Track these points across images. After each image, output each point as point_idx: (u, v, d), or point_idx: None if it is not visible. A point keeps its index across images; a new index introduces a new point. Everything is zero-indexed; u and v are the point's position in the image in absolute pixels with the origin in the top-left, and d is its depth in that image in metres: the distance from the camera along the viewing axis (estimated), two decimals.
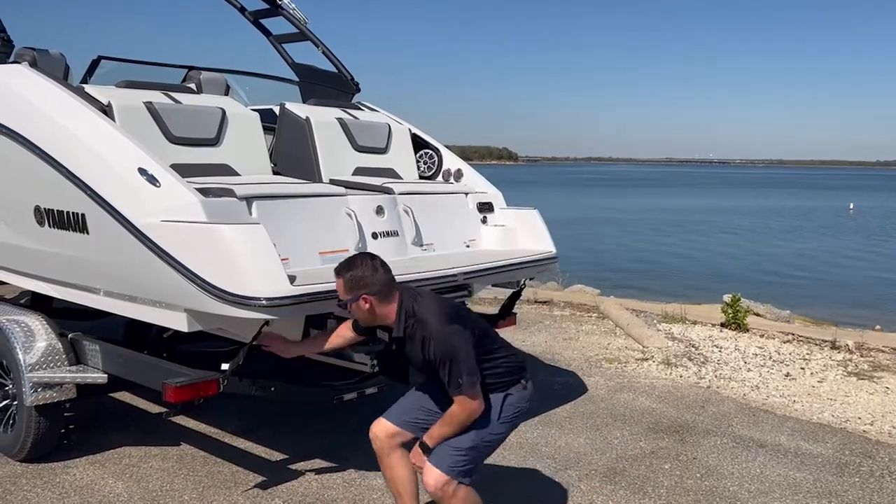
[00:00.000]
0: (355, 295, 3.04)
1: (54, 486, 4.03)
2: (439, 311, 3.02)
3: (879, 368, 6.71)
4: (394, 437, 3.24)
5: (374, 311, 3.07)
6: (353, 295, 3.04)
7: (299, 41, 6.33)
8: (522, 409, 3.18)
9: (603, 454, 4.62)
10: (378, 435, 3.25)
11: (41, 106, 4.09)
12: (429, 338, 2.95)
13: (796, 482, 4.28)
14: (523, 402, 3.18)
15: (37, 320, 4.34)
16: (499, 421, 3.09)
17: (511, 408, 3.12)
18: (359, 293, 3.03)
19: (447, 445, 3.00)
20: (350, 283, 3.05)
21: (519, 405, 3.16)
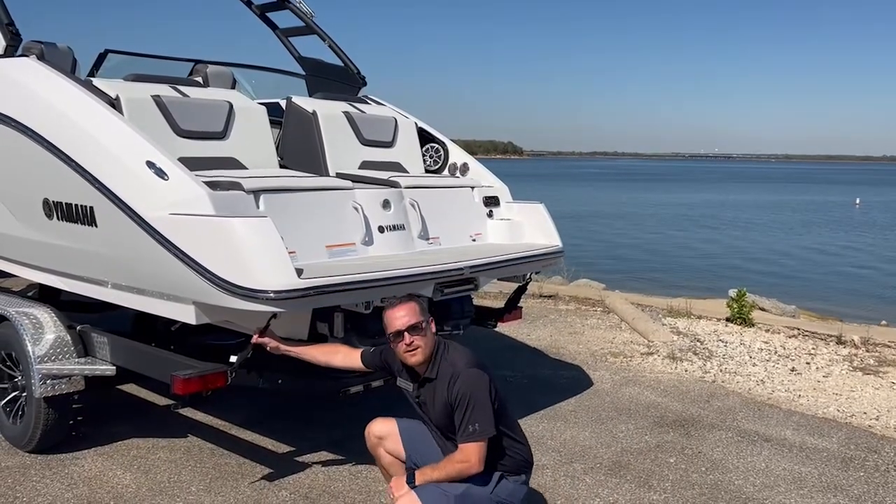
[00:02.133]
0: (427, 317, 3.08)
1: (63, 476, 4.06)
2: (472, 358, 3.08)
3: (885, 363, 6.71)
4: (383, 439, 3.33)
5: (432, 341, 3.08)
6: (426, 317, 3.07)
7: (306, 35, 6.33)
8: (516, 500, 3.11)
9: (608, 448, 4.63)
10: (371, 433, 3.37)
11: (49, 99, 4.11)
12: (457, 375, 2.97)
13: (801, 476, 4.29)
14: (518, 494, 3.12)
15: (45, 312, 4.37)
16: (491, 495, 3.02)
17: (506, 492, 3.06)
18: (429, 317, 3.08)
19: (438, 487, 2.93)
20: (423, 306, 3.10)
21: (514, 495, 3.09)
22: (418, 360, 3.07)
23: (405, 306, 3.08)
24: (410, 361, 3.08)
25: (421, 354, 3.06)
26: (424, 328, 3.06)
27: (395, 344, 3.08)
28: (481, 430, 2.91)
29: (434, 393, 3.07)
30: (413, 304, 3.09)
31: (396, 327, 3.06)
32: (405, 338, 3.03)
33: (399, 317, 3.06)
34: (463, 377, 2.97)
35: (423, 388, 3.14)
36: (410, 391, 3.22)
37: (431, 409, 3.11)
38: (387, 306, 3.15)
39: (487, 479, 3.03)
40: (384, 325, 3.13)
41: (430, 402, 3.11)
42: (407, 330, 3.03)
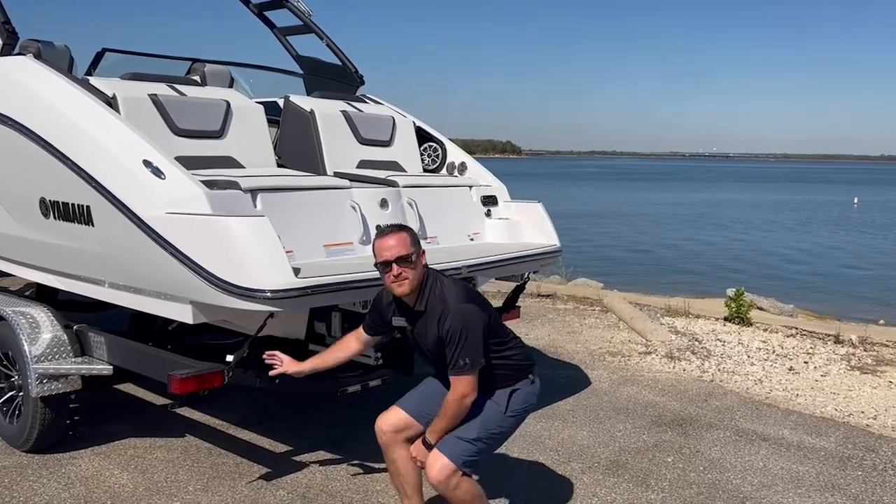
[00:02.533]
0: (418, 249, 3.03)
1: (60, 476, 4.05)
2: (461, 291, 3.04)
3: (883, 363, 6.71)
4: (400, 432, 3.22)
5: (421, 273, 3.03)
6: (417, 249, 3.02)
7: (304, 33, 6.32)
8: (530, 403, 3.19)
9: (606, 447, 4.63)
10: (383, 429, 3.25)
11: (46, 98, 4.10)
12: (447, 312, 2.94)
13: (799, 476, 4.29)
14: (531, 397, 3.19)
15: (42, 312, 4.36)
16: (506, 414, 3.09)
17: (518, 402, 3.12)
18: (420, 249, 3.05)
19: (453, 435, 2.99)
20: (415, 238, 3.05)
21: (527, 400, 3.16)
22: (404, 291, 3.00)
23: (396, 236, 2.99)
24: (396, 292, 3.02)
25: (408, 286, 2.99)
26: (414, 260, 2.99)
27: (384, 274, 3.01)
28: (471, 363, 2.90)
29: (426, 326, 3.03)
30: (404, 235, 3.01)
31: (385, 257, 2.98)
32: (393, 269, 2.96)
33: (389, 246, 2.98)
34: (453, 313, 2.93)
35: (414, 323, 3.09)
36: (405, 326, 3.14)
37: (425, 342, 3.08)
38: (377, 234, 3.07)
39: (499, 402, 3.07)
40: (374, 254, 3.06)
41: (421, 335, 3.09)
42: (395, 261, 2.95)
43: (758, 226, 30.13)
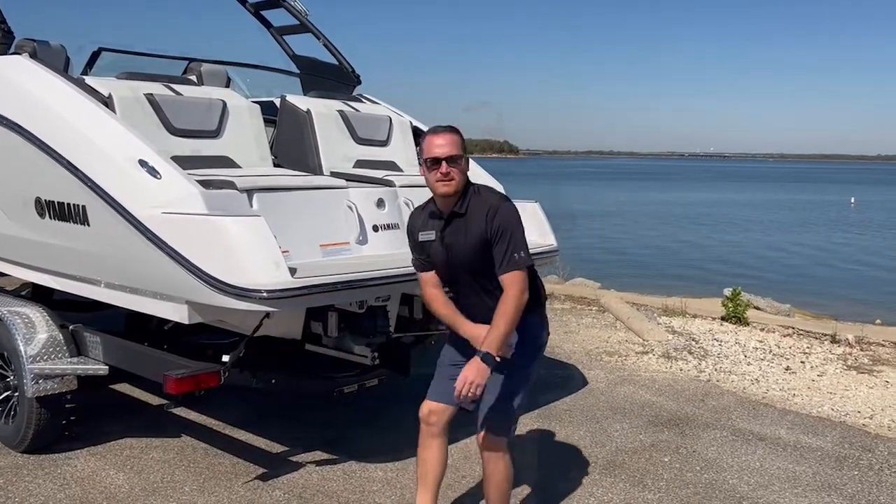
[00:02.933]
0: (466, 155, 3.02)
1: (55, 477, 4.04)
2: (501, 194, 3.10)
3: (879, 362, 6.72)
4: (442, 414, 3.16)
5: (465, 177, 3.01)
6: (465, 154, 3.02)
7: (300, 33, 6.32)
8: (544, 340, 3.21)
9: (603, 447, 4.63)
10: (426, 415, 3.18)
11: (42, 97, 4.09)
12: (495, 208, 2.94)
13: (796, 475, 4.29)
14: (544, 333, 3.20)
15: (38, 312, 4.35)
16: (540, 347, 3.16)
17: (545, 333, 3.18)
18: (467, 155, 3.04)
19: (499, 404, 3.01)
20: (462, 141, 3.02)
21: (541, 336, 3.18)
22: (449, 191, 2.97)
23: (447, 136, 2.97)
24: (441, 191, 2.98)
25: (453, 187, 2.96)
26: (462, 163, 2.98)
27: (430, 171, 2.97)
28: (526, 256, 2.93)
29: (465, 229, 2.98)
30: (455, 137, 2.99)
31: (435, 154, 2.95)
32: (442, 166, 2.93)
33: (440, 144, 2.95)
34: (502, 210, 2.95)
35: (449, 227, 3.03)
36: (433, 239, 3.07)
37: (459, 247, 3.00)
38: (428, 132, 3.04)
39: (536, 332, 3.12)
40: (422, 150, 3.04)
41: (457, 241, 3.00)
42: (446, 159, 2.93)
43: (755, 226, 30.18)
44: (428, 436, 3.20)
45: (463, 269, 3.03)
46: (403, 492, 3.93)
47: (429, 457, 3.22)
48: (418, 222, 3.17)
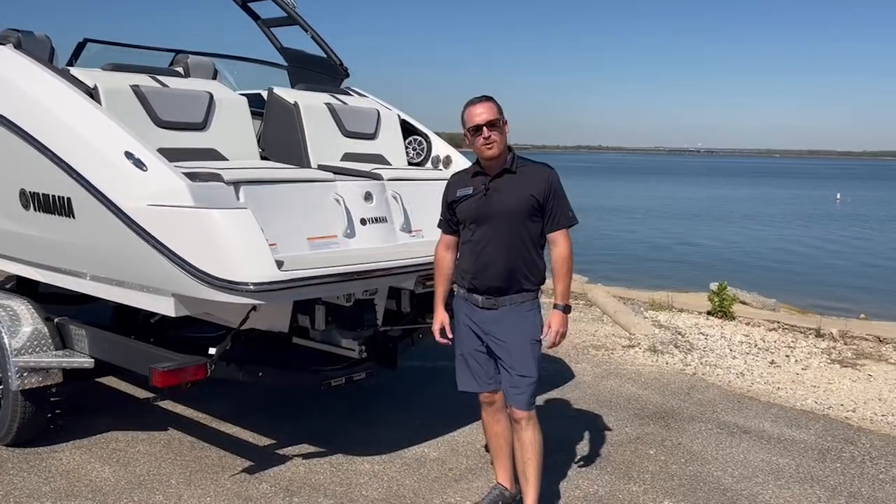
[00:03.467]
0: (503, 117, 3.29)
1: (40, 470, 4.02)
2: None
3: (862, 356, 6.79)
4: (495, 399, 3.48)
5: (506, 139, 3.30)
6: (503, 117, 3.29)
7: (288, 25, 6.28)
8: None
9: (589, 440, 4.66)
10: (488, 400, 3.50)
11: (26, 88, 4.05)
12: (551, 173, 3.33)
13: (779, 467, 4.34)
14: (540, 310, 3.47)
15: (22, 305, 4.32)
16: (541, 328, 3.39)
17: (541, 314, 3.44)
18: (505, 118, 3.31)
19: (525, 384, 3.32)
20: (498, 107, 3.29)
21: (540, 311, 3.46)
22: (493, 153, 3.26)
23: (484, 104, 3.26)
24: (487, 154, 3.27)
25: (496, 148, 3.26)
26: (501, 126, 3.27)
27: (474, 138, 3.26)
28: (573, 215, 3.34)
29: (517, 183, 3.28)
30: (491, 104, 3.28)
31: (476, 122, 3.24)
32: (483, 132, 3.22)
33: (478, 113, 3.25)
34: (556, 176, 3.35)
35: (498, 179, 3.30)
36: (469, 194, 3.34)
37: (507, 197, 3.26)
38: (467, 104, 3.32)
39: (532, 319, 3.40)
40: (463, 122, 3.32)
41: (504, 190, 3.28)
42: (486, 125, 3.22)
43: (742, 221, 30.34)
44: (492, 412, 3.52)
45: (500, 219, 3.27)
46: (391, 484, 3.94)
47: (500, 430, 3.54)
48: (457, 181, 3.46)
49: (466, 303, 3.41)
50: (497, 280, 3.29)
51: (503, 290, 3.31)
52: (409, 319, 4.68)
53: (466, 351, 3.46)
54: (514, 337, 3.33)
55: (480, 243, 3.30)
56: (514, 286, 3.31)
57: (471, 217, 3.33)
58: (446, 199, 3.47)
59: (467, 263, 3.37)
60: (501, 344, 3.35)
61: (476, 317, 3.38)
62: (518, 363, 3.32)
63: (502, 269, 3.28)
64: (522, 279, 3.33)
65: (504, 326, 3.33)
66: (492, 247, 3.27)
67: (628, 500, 3.88)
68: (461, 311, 3.45)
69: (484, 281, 3.31)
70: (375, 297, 4.30)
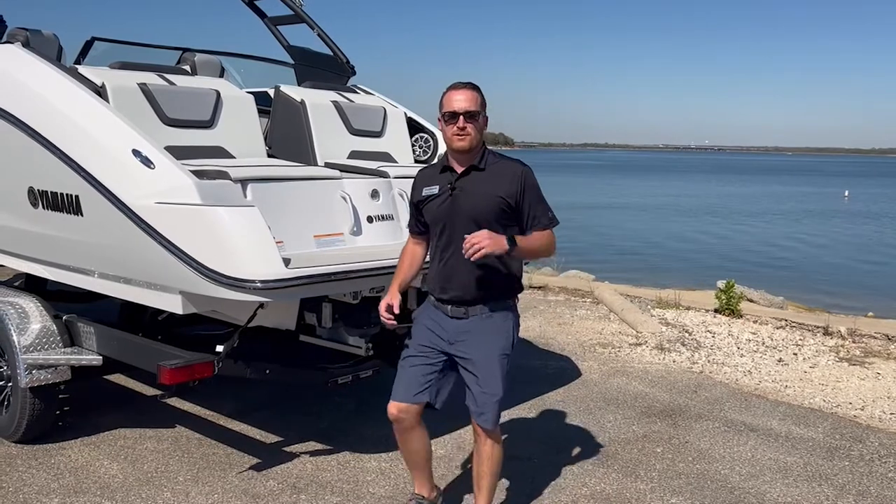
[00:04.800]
0: (484, 112, 3.06)
1: (49, 466, 4.04)
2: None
3: (871, 354, 6.76)
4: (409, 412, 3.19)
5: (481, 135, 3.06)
6: (483, 111, 3.05)
7: (294, 23, 6.29)
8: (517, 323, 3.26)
9: (596, 438, 4.65)
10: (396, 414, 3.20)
11: (34, 87, 4.07)
12: (525, 171, 3.06)
13: (787, 466, 4.32)
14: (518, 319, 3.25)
15: (31, 302, 4.34)
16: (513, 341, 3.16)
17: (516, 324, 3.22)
18: (485, 114, 3.07)
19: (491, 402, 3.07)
20: (482, 99, 3.05)
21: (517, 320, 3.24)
22: (464, 146, 3.01)
23: (466, 92, 3.01)
24: (457, 145, 3.02)
25: (468, 142, 3.01)
26: (479, 120, 3.03)
27: (448, 125, 3.01)
28: (554, 216, 3.07)
29: (486, 182, 3.03)
30: (475, 94, 3.02)
31: (453, 108, 2.99)
32: (459, 121, 2.98)
33: (458, 99, 3.00)
34: (531, 174, 3.07)
35: (465, 178, 3.06)
36: (436, 194, 3.09)
37: (474, 198, 3.02)
38: (449, 87, 3.07)
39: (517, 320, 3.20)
40: (441, 105, 3.06)
41: (471, 190, 3.03)
42: (464, 114, 2.98)
43: (749, 218, 30.25)
44: (402, 429, 3.24)
45: (467, 221, 3.00)
46: (397, 482, 3.95)
47: (419, 448, 3.31)
48: (423, 178, 3.21)
49: (437, 311, 3.19)
50: (465, 289, 3.06)
51: (473, 300, 3.08)
52: None
53: (411, 353, 3.20)
54: (482, 351, 3.08)
55: (448, 249, 3.07)
56: (484, 295, 3.08)
57: (436, 220, 3.09)
58: (413, 199, 3.23)
59: (436, 269, 3.14)
60: (468, 360, 3.10)
61: (445, 325, 3.14)
62: (484, 381, 3.07)
63: (470, 277, 3.04)
64: (494, 288, 3.09)
65: (473, 338, 3.09)
66: (459, 253, 2.95)
67: (635, 498, 3.88)
68: (427, 317, 3.22)
69: (452, 290, 3.09)
70: (382, 295, 4.30)
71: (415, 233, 3.29)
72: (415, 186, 3.23)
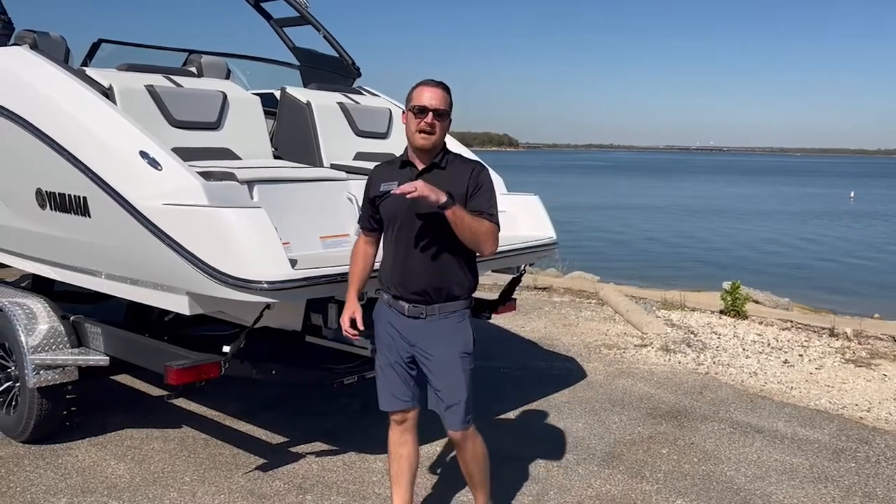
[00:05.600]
0: (450, 113, 3.04)
1: (56, 466, 4.06)
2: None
3: (877, 356, 6.74)
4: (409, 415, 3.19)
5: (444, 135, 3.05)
6: (450, 112, 3.04)
7: (300, 25, 6.31)
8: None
9: (601, 439, 4.65)
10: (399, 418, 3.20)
11: (42, 89, 4.09)
12: (479, 169, 3.04)
13: (793, 467, 4.32)
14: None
15: (39, 303, 4.36)
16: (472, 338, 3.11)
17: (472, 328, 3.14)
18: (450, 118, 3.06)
19: (461, 403, 3.04)
20: (451, 101, 3.04)
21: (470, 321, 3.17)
22: (427, 144, 2.98)
23: (439, 91, 2.98)
24: (419, 143, 2.98)
25: (431, 141, 2.98)
26: (446, 122, 3.01)
27: (415, 120, 2.96)
28: (497, 217, 3.00)
29: (445, 180, 2.96)
30: (446, 95, 3.00)
31: (424, 103, 2.95)
32: (428, 116, 2.94)
33: (429, 96, 2.97)
34: (486, 172, 3.07)
35: (426, 174, 3.00)
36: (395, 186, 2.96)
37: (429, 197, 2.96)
38: (420, 83, 3.03)
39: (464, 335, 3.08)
40: (409, 98, 3.02)
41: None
42: (433, 111, 2.95)
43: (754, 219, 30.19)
44: (400, 432, 3.22)
45: (425, 219, 2.96)
46: None
47: (406, 453, 3.24)
48: (381, 173, 3.14)
49: (391, 310, 3.11)
50: (423, 287, 3.00)
51: (430, 298, 3.02)
52: None
53: (385, 362, 3.16)
54: (442, 350, 3.04)
55: (405, 246, 3.00)
56: (442, 294, 3.02)
57: (393, 216, 3.01)
58: (368, 195, 3.14)
59: (390, 268, 3.07)
60: (429, 359, 3.06)
61: (401, 325, 3.08)
62: (447, 382, 3.05)
63: (429, 274, 2.99)
64: (452, 286, 3.04)
65: (431, 338, 3.04)
66: (417, 250, 2.96)
67: (641, 499, 3.88)
68: (384, 319, 3.15)
69: (409, 287, 3.02)
70: None
71: (367, 230, 3.20)
72: (371, 182, 3.16)
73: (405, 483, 3.26)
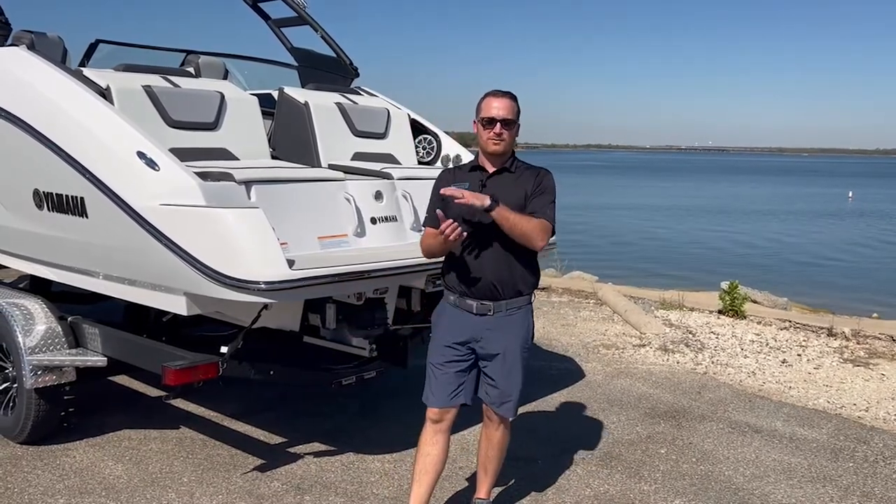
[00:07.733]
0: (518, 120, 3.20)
1: (54, 467, 4.06)
2: None
3: (875, 355, 6.75)
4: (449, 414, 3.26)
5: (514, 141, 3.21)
6: (518, 120, 3.19)
7: (298, 25, 6.30)
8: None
9: (599, 439, 4.65)
10: (437, 416, 3.25)
11: (39, 89, 4.08)
12: (545, 174, 3.22)
13: (791, 467, 4.32)
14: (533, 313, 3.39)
15: (36, 304, 4.36)
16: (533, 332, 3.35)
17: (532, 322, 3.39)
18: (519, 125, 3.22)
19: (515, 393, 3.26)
20: (518, 109, 3.19)
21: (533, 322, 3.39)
22: (499, 150, 3.15)
23: (505, 101, 3.14)
24: (492, 149, 3.16)
25: (502, 147, 3.15)
26: (514, 129, 3.17)
27: (485, 130, 3.14)
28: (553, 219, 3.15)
29: (513, 181, 3.18)
30: (513, 103, 3.16)
31: (492, 114, 3.12)
32: (497, 127, 3.11)
33: (497, 107, 3.13)
34: (550, 177, 3.24)
35: (493, 178, 3.19)
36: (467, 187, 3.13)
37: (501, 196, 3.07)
38: (488, 93, 3.20)
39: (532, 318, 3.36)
40: (478, 109, 3.18)
41: (501, 190, 3.13)
42: (501, 121, 3.11)
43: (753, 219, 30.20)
44: (434, 431, 3.28)
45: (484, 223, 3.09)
46: (401, 483, 3.95)
47: (436, 452, 3.28)
48: (452, 175, 3.32)
49: (456, 310, 3.23)
50: (491, 284, 3.14)
51: (498, 295, 3.16)
52: (419, 318, 4.69)
53: (441, 360, 3.24)
54: (507, 345, 3.20)
55: (471, 247, 3.14)
56: (508, 291, 3.18)
57: (464, 216, 3.11)
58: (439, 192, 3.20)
59: (459, 266, 3.18)
60: (493, 355, 3.21)
61: (467, 323, 3.20)
62: (509, 374, 3.22)
63: (497, 272, 3.14)
64: (518, 283, 3.19)
65: (497, 334, 3.19)
66: (486, 249, 3.12)
67: (639, 499, 3.88)
68: (447, 318, 3.27)
69: (478, 285, 3.16)
70: (386, 296, 4.31)
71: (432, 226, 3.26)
72: (442, 181, 3.28)
73: (427, 483, 3.29)
